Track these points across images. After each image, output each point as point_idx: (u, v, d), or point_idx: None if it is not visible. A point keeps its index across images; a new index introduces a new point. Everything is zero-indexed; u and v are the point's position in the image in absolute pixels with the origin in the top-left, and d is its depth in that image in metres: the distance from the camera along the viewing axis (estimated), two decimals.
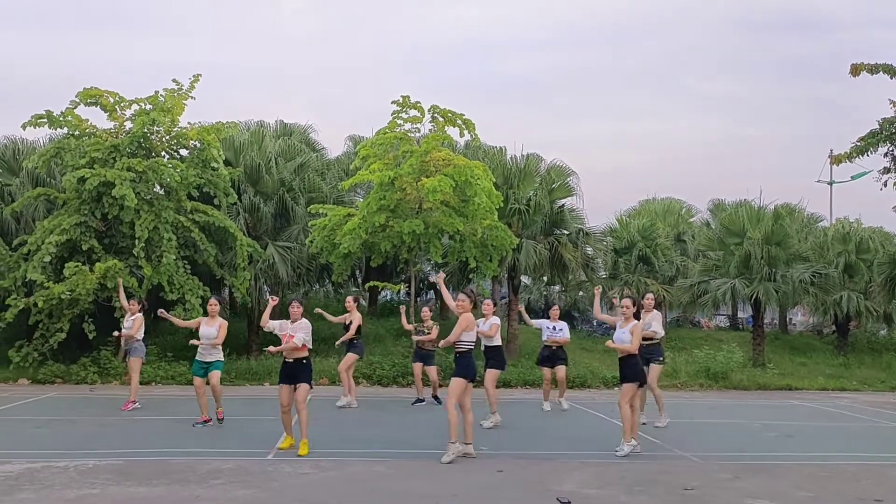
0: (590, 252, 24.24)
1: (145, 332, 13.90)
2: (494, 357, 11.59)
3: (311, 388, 9.89)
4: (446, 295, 10.50)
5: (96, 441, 10.35)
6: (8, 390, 16.27)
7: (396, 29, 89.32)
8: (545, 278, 27.55)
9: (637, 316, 10.25)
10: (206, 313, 12.38)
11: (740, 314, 36.86)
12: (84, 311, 17.47)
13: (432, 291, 31.29)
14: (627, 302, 10.29)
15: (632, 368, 10.05)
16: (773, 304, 24.19)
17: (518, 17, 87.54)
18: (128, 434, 11.02)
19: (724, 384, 19.80)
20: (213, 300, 11.92)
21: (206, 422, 11.56)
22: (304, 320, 9.82)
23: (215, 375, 11.58)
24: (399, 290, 22.35)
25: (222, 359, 11.89)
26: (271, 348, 10.14)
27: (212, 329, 11.55)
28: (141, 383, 17.07)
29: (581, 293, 31.35)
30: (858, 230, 27.02)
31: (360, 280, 26.17)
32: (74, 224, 17.38)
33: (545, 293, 35.91)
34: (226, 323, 11.77)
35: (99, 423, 11.93)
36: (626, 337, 10.03)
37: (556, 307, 15.17)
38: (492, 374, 11.71)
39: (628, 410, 9.96)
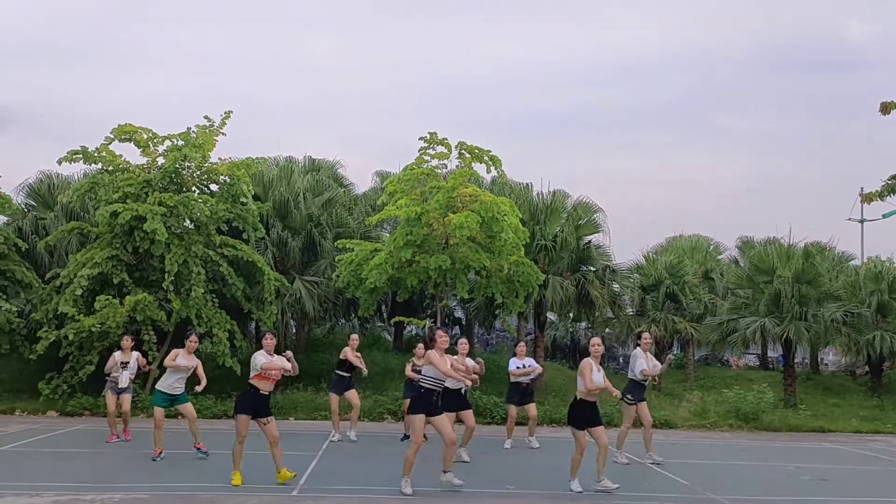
0: (617, 289, 24.06)
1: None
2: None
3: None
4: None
5: (123, 474, 10.37)
6: (37, 422, 16.40)
7: (424, 66, 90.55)
8: (571, 315, 27.36)
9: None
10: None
11: (770, 353, 36.20)
12: (113, 344, 17.59)
13: (457, 327, 31.22)
14: (595, 340, 10.42)
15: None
16: (804, 343, 23.74)
17: (547, 55, 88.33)
18: (154, 468, 11.03)
19: (755, 425, 19.41)
20: (193, 336, 12.31)
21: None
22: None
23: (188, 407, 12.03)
24: (424, 326, 22.29)
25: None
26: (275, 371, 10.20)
27: (191, 363, 11.92)
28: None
29: (608, 330, 31.05)
30: (891, 269, 26.53)
31: (385, 315, 26.17)
32: (106, 258, 17.62)
33: (571, 330, 35.61)
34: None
35: (126, 457, 11.97)
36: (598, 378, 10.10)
37: (522, 344, 15.11)
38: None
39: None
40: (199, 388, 12.02)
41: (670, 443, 12.93)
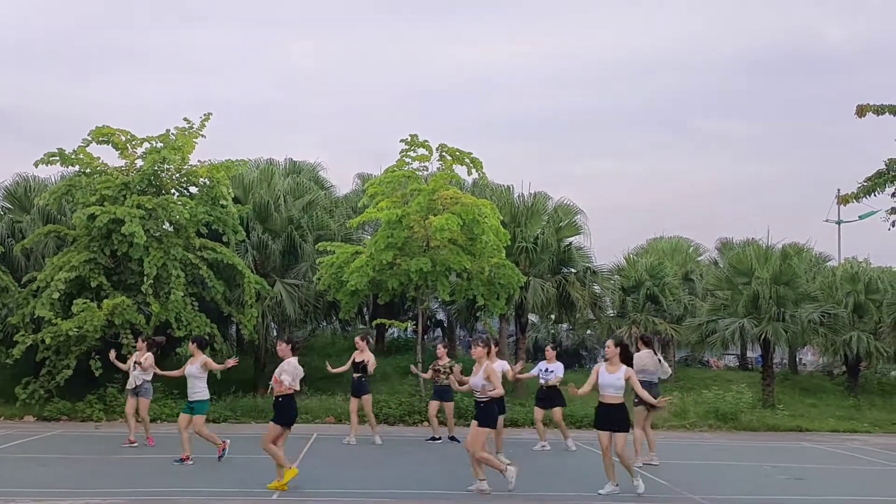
0: (597, 290, 24.18)
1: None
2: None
3: (284, 427, 9.96)
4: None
5: (101, 479, 10.30)
6: (14, 427, 16.23)
7: (406, 69, 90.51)
8: (553, 316, 27.47)
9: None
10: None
11: (749, 354, 36.50)
12: (91, 348, 17.47)
13: (439, 329, 31.21)
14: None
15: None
16: (782, 344, 23.97)
17: (528, 59, 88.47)
18: (132, 472, 10.96)
19: (734, 425, 19.58)
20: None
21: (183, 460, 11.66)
22: (291, 360, 9.98)
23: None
24: (406, 328, 22.29)
25: (205, 398, 11.98)
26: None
27: (193, 367, 11.91)
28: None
29: (589, 332, 31.18)
30: (867, 270, 26.86)
31: (367, 317, 26.11)
32: (84, 261, 17.46)
33: (553, 331, 35.73)
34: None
35: (104, 461, 11.88)
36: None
37: (549, 348, 14.95)
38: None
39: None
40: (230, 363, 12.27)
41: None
